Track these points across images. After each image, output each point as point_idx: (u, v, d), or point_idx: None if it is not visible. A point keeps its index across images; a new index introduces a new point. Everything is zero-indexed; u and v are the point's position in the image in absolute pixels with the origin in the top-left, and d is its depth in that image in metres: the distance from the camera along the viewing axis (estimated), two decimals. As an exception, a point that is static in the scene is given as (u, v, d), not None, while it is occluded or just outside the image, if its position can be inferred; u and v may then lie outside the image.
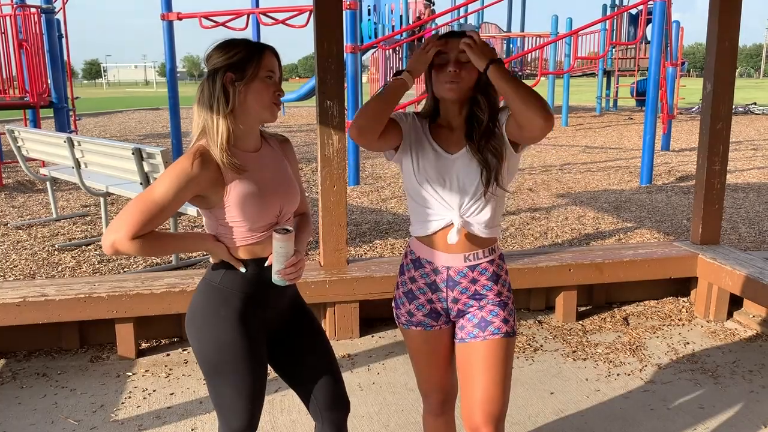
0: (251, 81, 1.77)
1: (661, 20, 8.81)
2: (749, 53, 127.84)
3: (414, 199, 2.01)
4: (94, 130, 16.60)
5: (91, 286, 3.63)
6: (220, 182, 1.76)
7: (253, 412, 1.90)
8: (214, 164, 1.74)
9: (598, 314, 4.26)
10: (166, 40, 9.76)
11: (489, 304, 1.99)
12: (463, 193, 1.93)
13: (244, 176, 1.78)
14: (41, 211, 7.06)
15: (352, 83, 8.45)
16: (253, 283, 1.86)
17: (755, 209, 7.19)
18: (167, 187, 1.71)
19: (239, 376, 1.84)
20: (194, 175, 1.71)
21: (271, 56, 1.82)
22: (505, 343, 1.96)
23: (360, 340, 3.85)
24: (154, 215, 1.70)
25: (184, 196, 1.73)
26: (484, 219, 1.95)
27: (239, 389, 1.85)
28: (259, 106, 1.79)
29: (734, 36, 4.18)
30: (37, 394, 3.21)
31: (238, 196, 1.77)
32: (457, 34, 1.92)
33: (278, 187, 1.87)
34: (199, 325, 1.86)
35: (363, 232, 6.09)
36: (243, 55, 1.77)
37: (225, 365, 1.84)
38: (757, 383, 3.32)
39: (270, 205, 1.83)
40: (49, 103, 9.53)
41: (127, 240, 1.68)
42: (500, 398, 1.93)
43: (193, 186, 1.73)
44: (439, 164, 1.95)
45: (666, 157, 11.28)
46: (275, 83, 1.82)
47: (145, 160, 4.65)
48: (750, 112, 20.94)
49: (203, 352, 1.86)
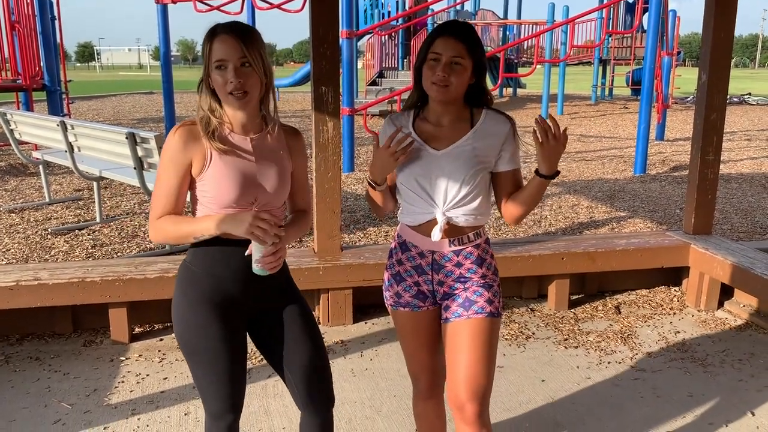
0: (210, 72, 1.76)
1: (658, 9, 8.80)
2: (745, 43, 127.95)
3: (401, 191, 2.04)
4: (88, 113, 16.48)
5: (84, 270, 3.63)
6: (202, 154, 1.79)
7: (231, 395, 1.88)
8: (198, 136, 1.79)
9: (590, 303, 4.28)
10: (160, 23, 9.69)
11: (474, 286, 2.01)
12: (447, 190, 1.94)
13: (225, 155, 1.79)
14: (34, 194, 7.02)
15: (347, 69, 8.41)
16: (223, 265, 1.83)
17: (748, 200, 7.22)
18: (164, 163, 1.79)
19: (211, 358, 1.83)
20: (177, 143, 1.77)
21: (222, 40, 1.72)
22: (489, 322, 1.97)
23: (353, 326, 3.87)
24: (165, 194, 1.79)
25: (177, 164, 1.78)
26: (469, 212, 1.97)
27: (213, 372, 1.84)
28: (222, 97, 1.78)
29: (730, 26, 4.18)
30: (30, 378, 3.22)
31: (214, 170, 1.78)
32: (456, 32, 1.87)
33: (258, 176, 1.82)
34: (174, 305, 1.89)
35: (357, 219, 6.09)
36: (203, 47, 1.77)
37: (196, 347, 1.84)
38: (746, 372, 3.35)
39: (243, 190, 1.79)
40: (42, 86, 9.47)
41: (157, 223, 1.80)
42: (485, 376, 1.94)
43: (181, 154, 1.77)
44: (424, 161, 1.95)
45: (660, 147, 11.30)
46: (231, 71, 1.71)
47: (138, 145, 4.62)
48: (744, 103, 20.97)
49: (178, 333, 1.88)
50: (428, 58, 1.89)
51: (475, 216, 1.98)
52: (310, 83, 3.74)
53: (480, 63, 1.92)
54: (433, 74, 1.87)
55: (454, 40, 1.86)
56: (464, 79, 1.89)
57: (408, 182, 1.98)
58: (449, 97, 1.90)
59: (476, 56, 1.90)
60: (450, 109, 1.96)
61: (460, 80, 1.88)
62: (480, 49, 1.91)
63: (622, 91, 22.76)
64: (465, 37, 1.88)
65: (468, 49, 1.87)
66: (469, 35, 1.89)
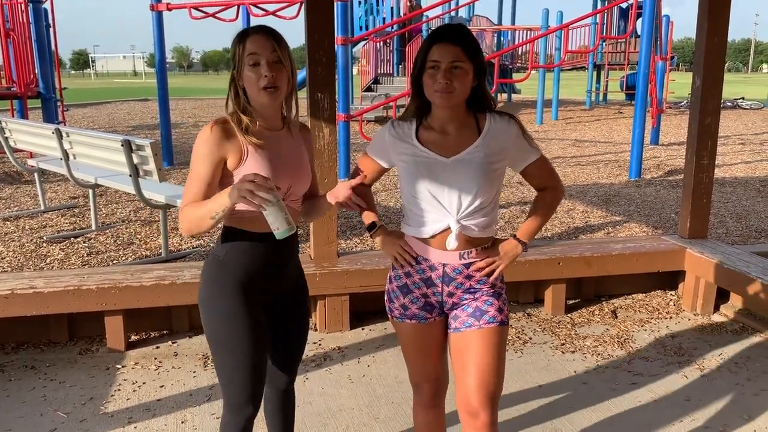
0: (242, 71, 1.85)
1: (651, 14, 8.85)
2: (737, 48, 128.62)
3: (410, 202, 2.01)
4: (83, 121, 16.46)
5: (80, 278, 3.61)
6: (239, 149, 1.85)
7: (254, 384, 1.96)
8: (233, 132, 1.86)
9: (586, 307, 4.29)
10: (155, 30, 9.67)
11: (483, 295, 2.01)
12: (461, 198, 1.91)
13: (260, 149, 1.87)
14: (29, 202, 7.00)
15: (343, 75, 8.42)
16: (258, 256, 1.92)
17: (742, 204, 7.25)
18: (198, 156, 1.84)
19: (239, 344, 1.91)
20: (214, 138, 1.83)
21: (255, 39, 1.83)
22: (500, 331, 1.99)
23: (350, 332, 3.86)
24: (197, 185, 1.84)
25: (213, 159, 1.83)
26: (482, 221, 1.95)
27: (239, 361, 1.92)
28: (253, 93, 1.86)
29: (723, 31, 4.20)
30: (25, 387, 3.20)
31: (252, 165, 1.85)
32: (451, 37, 1.86)
33: (289, 166, 1.95)
34: (204, 296, 1.96)
35: (354, 225, 6.09)
36: (234, 48, 1.86)
37: (226, 334, 1.92)
38: (743, 376, 3.36)
39: (279, 179, 1.87)
40: (37, 94, 9.45)
41: (183, 210, 1.84)
42: (496, 383, 1.97)
43: (217, 149, 1.83)
44: (434, 169, 1.92)
45: (655, 151, 11.34)
46: (265, 66, 1.82)
47: (134, 152, 4.61)
48: (738, 107, 21.08)
49: (209, 324, 1.95)
50: (427, 66, 1.86)
51: (488, 226, 1.98)
52: (306, 89, 3.73)
53: (480, 65, 1.89)
54: (435, 82, 1.85)
55: (451, 44, 1.84)
56: (467, 82, 1.87)
57: (419, 193, 1.95)
58: (454, 102, 1.88)
59: (475, 58, 1.87)
60: (455, 115, 1.93)
61: (462, 84, 1.86)
62: (478, 51, 1.88)
63: (616, 96, 22.84)
64: (461, 40, 1.85)
65: (466, 52, 1.85)
66: (465, 38, 1.87)
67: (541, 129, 15.02)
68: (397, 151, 1.99)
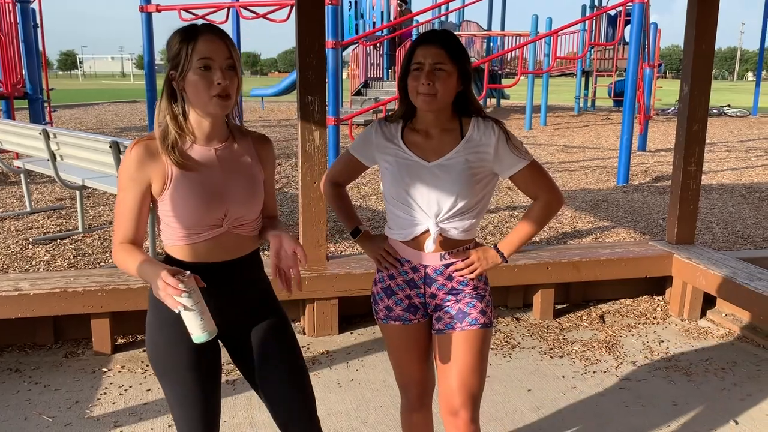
0: (186, 73, 1.63)
1: (640, 22, 8.92)
2: (724, 56, 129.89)
3: (391, 204, 2.01)
4: (70, 122, 16.34)
5: (66, 280, 3.58)
6: (162, 172, 1.67)
7: (201, 417, 1.79)
8: (157, 151, 1.66)
9: (574, 312, 4.30)
10: (144, 32, 9.65)
11: (466, 297, 2.01)
12: (439, 203, 1.91)
13: (187, 171, 1.67)
14: (15, 204, 6.93)
15: (333, 79, 8.43)
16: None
17: (729, 210, 7.31)
18: (122, 183, 1.68)
19: (179, 378, 1.76)
20: (136, 160, 1.65)
21: (208, 40, 1.62)
22: (482, 333, 1.99)
23: (339, 336, 3.85)
24: (125, 217, 1.68)
25: (138, 184, 1.66)
26: (462, 225, 1.96)
27: (181, 393, 1.77)
28: (199, 100, 1.65)
29: (711, 39, 4.24)
30: (9, 390, 3.16)
31: (176, 189, 1.66)
32: (435, 39, 1.86)
33: (229, 189, 1.71)
34: (146, 324, 1.80)
35: (343, 229, 6.08)
36: (177, 46, 1.64)
37: (164, 367, 1.77)
38: (729, 380, 3.38)
39: (211, 206, 1.68)
40: (24, 94, 9.37)
41: (115, 251, 1.68)
42: (477, 384, 1.98)
43: (139, 173, 1.65)
44: (416, 173, 1.93)
45: (642, 158, 11.42)
46: (218, 72, 1.62)
47: (122, 154, 4.59)
48: (724, 114, 21.27)
49: (147, 353, 1.81)
50: (411, 69, 1.87)
51: (470, 229, 1.98)
52: (296, 93, 3.73)
53: (464, 69, 1.89)
54: (418, 84, 1.85)
55: (434, 46, 1.85)
56: (450, 85, 1.86)
57: (399, 195, 1.96)
58: (436, 106, 1.88)
59: (459, 62, 1.87)
60: (439, 118, 1.93)
61: (445, 87, 1.85)
62: (463, 55, 1.88)
63: (604, 102, 23.00)
64: (444, 43, 1.86)
65: (449, 54, 1.85)
66: (448, 41, 1.87)
67: (529, 134, 15.08)
68: (382, 151, 1.99)
